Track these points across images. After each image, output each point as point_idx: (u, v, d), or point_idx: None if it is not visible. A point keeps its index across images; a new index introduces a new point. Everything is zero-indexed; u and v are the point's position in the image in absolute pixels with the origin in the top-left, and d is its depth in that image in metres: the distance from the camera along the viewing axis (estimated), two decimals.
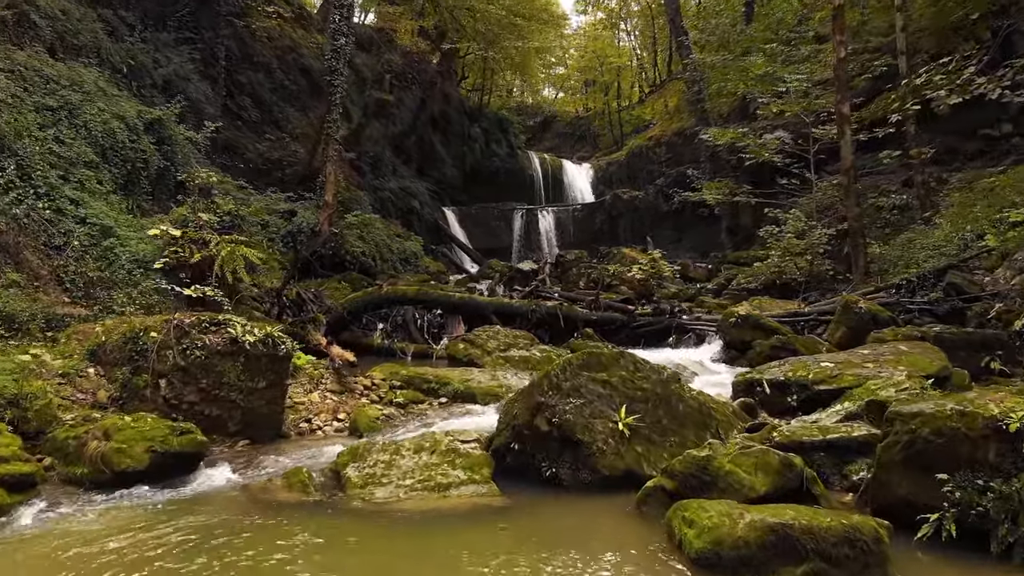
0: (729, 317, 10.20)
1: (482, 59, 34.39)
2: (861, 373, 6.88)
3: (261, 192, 17.00)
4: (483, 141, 34.72)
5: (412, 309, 12.11)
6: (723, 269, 21.61)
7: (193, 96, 19.34)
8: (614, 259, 21.16)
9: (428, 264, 22.26)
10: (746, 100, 23.90)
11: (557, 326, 11.78)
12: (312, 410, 7.90)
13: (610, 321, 11.52)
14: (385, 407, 8.24)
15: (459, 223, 30.88)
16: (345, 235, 15.20)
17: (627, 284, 16.87)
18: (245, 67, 23.59)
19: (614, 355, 6.08)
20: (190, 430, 6.29)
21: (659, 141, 35.89)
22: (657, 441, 5.81)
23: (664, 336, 11.36)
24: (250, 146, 21.96)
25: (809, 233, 15.58)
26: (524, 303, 11.98)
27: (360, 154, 25.29)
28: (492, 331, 11.23)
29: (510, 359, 10.38)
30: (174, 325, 7.07)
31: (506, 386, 9.09)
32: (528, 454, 5.77)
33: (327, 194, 14.68)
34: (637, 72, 47.72)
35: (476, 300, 12.07)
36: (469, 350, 10.75)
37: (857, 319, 10.04)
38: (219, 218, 10.96)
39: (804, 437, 5.79)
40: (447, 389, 8.73)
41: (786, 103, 17.08)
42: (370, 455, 5.92)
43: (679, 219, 31.03)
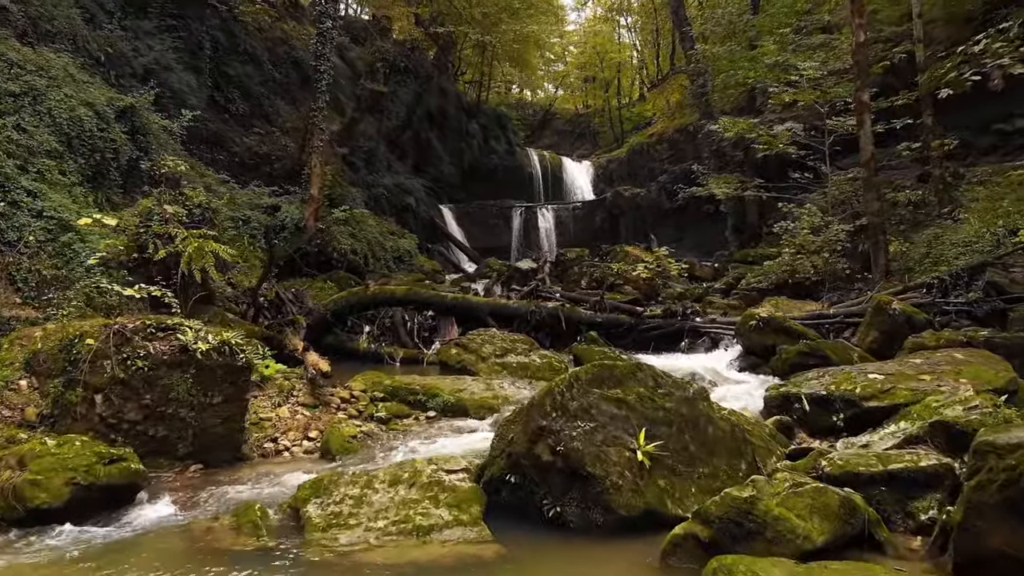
0: (749, 320, 9.14)
1: (480, 52, 33.36)
2: (917, 387, 5.82)
3: (245, 187, 15.93)
4: (481, 137, 33.65)
5: (401, 311, 11.05)
6: (730, 268, 20.56)
7: (175, 86, 18.30)
8: (616, 257, 20.09)
9: (423, 263, 21.20)
10: (753, 92, 22.83)
11: (558, 329, 10.74)
12: (280, 427, 6.83)
13: (616, 324, 10.47)
14: (364, 423, 7.18)
15: (456, 221, 29.83)
16: (332, 231, 14.14)
17: (632, 284, 15.82)
18: (233, 59, 22.53)
19: (630, 368, 5.01)
20: (123, 457, 5.23)
21: (661, 138, 34.87)
22: (683, 472, 4.75)
23: (675, 340, 10.31)
24: (237, 140, 20.90)
25: (825, 229, 14.53)
26: (523, 304, 10.92)
27: (353, 149, 24.23)
28: (488, 335, 10.17)
29: (507, 366, 9.32)
30: (114, 331, 6.00)
31: (502, 397, 8.04)
32: (527, 489, 4.71)
33: (313, 188, 13.63)
34: (637, 69, 46.70)
35: (470, 301, 11.02)
36: (462, 356, 9.69)
37: (891, 322, 8.98)
38: (188, 211, 9.88)
39: (860, 468, 4.74)
40: (436, 401, 7.67)
41: (799, 92, 16.01)
42: (337, 488, 4.87)
43: (682, 217, 30.02)
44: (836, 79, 16.42)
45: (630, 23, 42.03)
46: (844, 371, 6.23)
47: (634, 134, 40.00)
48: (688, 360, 9.71)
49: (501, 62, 35.11)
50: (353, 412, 7.33)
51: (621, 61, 43.19)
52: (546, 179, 36.39)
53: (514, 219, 31.00)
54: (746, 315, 9.30)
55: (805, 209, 14.80)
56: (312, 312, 10.79)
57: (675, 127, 34.79)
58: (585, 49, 43.51)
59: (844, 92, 15.50)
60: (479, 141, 33.41)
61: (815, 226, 14.86)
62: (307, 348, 8.56)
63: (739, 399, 7.82)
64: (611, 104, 43.76)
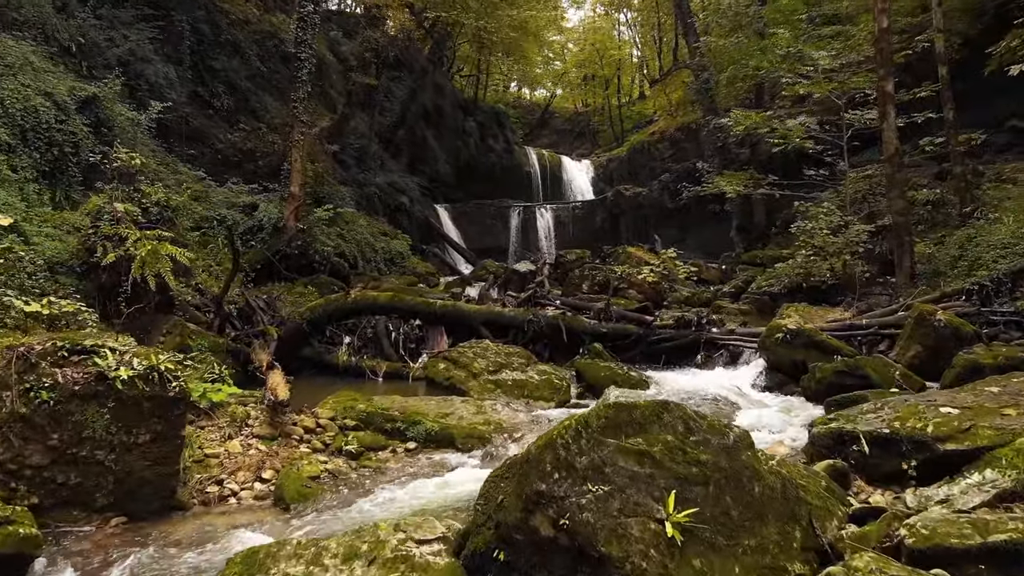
0: (775, 332, 7.99)
1: (476, 49, 32.20)
2: (1003, 425, 4.68)
3: (222, 184, 14.79)
4: (478, 135, 32.50)
5: (385, 320, 9.91)
6: (738, 270, 19.43)
7: (152, 79, 17.15)
8: (619, 259, 18.95)
9: (415, 265, 20.05)
10: (761, 87, 21.70)
11: (559, 340, 9.59)
12: (228, 466, 5.68)
13: (623, 334, 9.32)
14: (330, 458, 6.03)
15: (452, 221, 28.67)
16: (314, 232, 12.98)
17: (636, 288, 14.68)
18: (219, 52, 21.36)
19: (654, 409, 3.85)
20: (9, 519, 4.09)
21: (662, 136, 33.76)
22: (724, 547, 3.59)
23: (689, 353, 9.16)
24: (221, 136, 19.75)
25: (844, 230, 13.38)
26: (519, 313, 9.78)
27: (344, 146, 23.07)
28: (480, 347, 9.02)
29: (501, 384, 8.18)
30: (17, 354, 4.85)
31: (494, 422, 6.90)
32: (521, 571, 3.56)
33: (293, 185, 12.48)
34: (638, 67, 45.58)
35: (461, 309, 9.87)
36: (451, 372, 8.54)
37: (935, 335, 7.85)
38: (144, 209, 8.73)
39: (952, 540, 3.59)
40: (417, 430, 6.51)
41: (814, 84, 14.86)
42: (276, 565, 3.72)
43: (685, 217, 28.88)
44: (852, 70, 15.27)
45: (630, 19, 40.85)
46: (908, 403, 5.08)
47: (634, 133, 38.88)
48: (705, 377, 8.57)
49: (498, 57, 33.91)
50: (318, 445, 6.17)
51: (621, 58, 42.04)
52: (545, 178, 35.25)
53: (512, 219, 29.86)
54: (772, 327, 8.15)
55: (823, 208, 13.65)
56: (285, 322, 9.63)
57: (677, 125, 33.68)
58: (584, 46, 42.35)
59: (863, 83, 14.35)
60: (476, 139, 32.25)
61: (834, 226, 13.72)
62: (271, 366, 7.40)
63: (770, 428, 6.69)
64: (611, 102, 42.61)
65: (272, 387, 6.35)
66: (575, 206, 31.66)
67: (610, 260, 19.35)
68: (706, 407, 7.09)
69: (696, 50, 24.17)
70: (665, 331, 9.22)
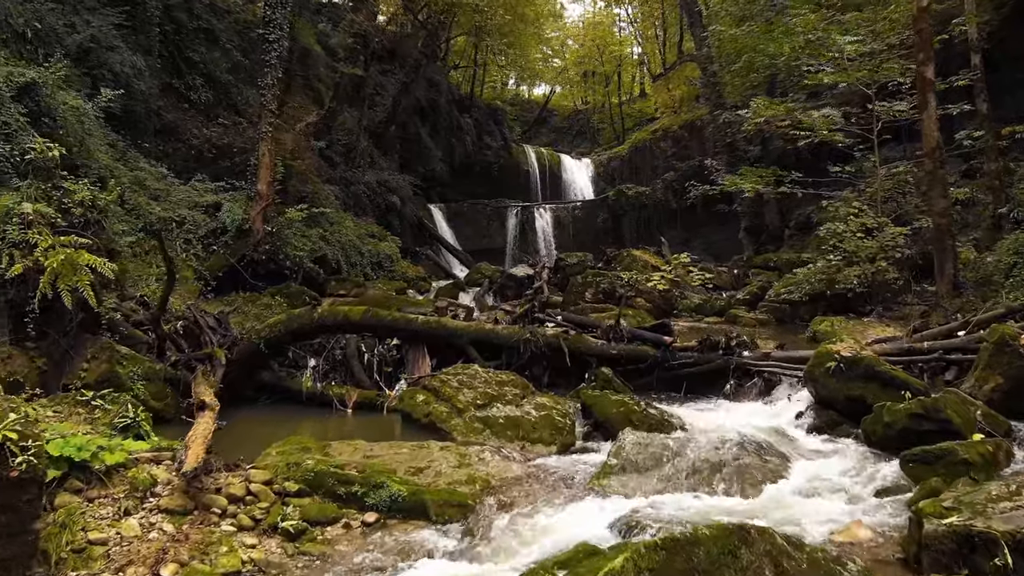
0: (825, 361, 6.45)
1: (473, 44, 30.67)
2: None
3: (188, 182, 13.27)
4: (474, 133, 30.94)
5: (357, 339, 8.37)
6: (751, 275, 17.90)
7: (117, 69, 15.56)
8: (623, 263, 17.42)
9: (405, 269, 18.52)
10: (774, 80, 20.16)
11: (560, 363, 8.06)
12: (116, 558, 4.14)
13: (637, 358, 7.78)
14: (261, 539, 4.50)
15: (447, 222, 27.14)
16: (285, 235, 11.44)
17: (645, 296, 13.16)
18: (197, 43, 19.81)
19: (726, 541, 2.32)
20: None
21: (665, 134, 32.26)
22: None
23: (715, 380, 7.64)
24: (196, 131, 18.19)
25: (878, 232, 11.86)
26: (514, 331, 8.24)
27: (331, 142, 21.53)
28: (467, 374, 7.48)
29: (491, 422, 6.64)
30: None
31: (481, 480, 5.40)
32: None
33: (260, 182, 10.95)
34: (638, 63, 44.06)
35: (447, 326, 8.34)
36: (431, 406, 7.00)
37: (1020, 365, 6.33)
38: (65, 211, 7.19)
39: None
40: (380, 495, 4.98)
41: (839, 72, 13.32)
42: None
43: (690, 217, 27.34)
44: (882, 57, 13.72)
45: (631, 13, 39.30)
46: None
47: (636, 131, 37.37)
48: (737, 413, 7.03)
49: (495, 53, 32.33)
50: (246, 520, 4.63)
51: (622, 54, 40.51)
52: (544, 177, 33.70)
53: (509, 220, 28.33)
54: (821, 354, 6.60)
55: (853, 208, 12.11)
56: (238, 342, 8.10)
57: (680, 122, 32.18)
58: (584, 42, 40.80)
59: (894, 71, 12.81)
60: (472, 136, 30.70)
61: (866, 228, 12.19)
62: (203, 407, 5.86)
63: (832, 489, 5.17)
64: (611, 100, 41.09)
65: (189, 443, 4.81)
66: (575, 206, 30.13)
67: (614, 264, 17.81)
68: (747, 458, 5.56)
69: (703, 41, 22.65)
70: (687, 354, 7.69)
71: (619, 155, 34.80)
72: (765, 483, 5.35)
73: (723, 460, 5.53)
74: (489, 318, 13.18)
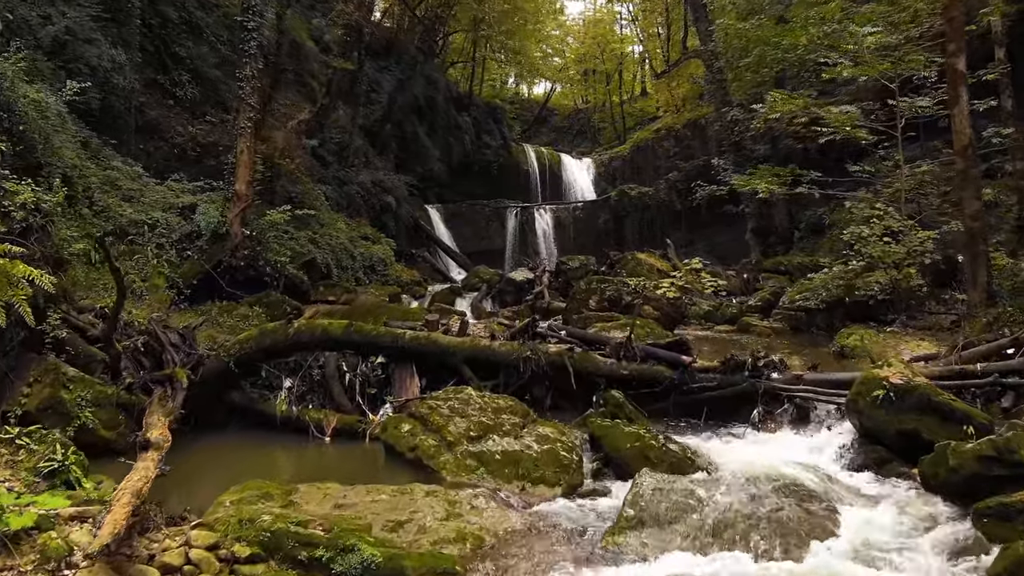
0: (872, 388, 5.53)
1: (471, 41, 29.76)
2: None
3: (166, 181, 12.36)
4: (473, 132, 29.99)
5: (337, 357, 7.45)
6: (761, 279, 16.99)
7: (95, 62, 14.65)
8: (627, 267, 16.48)
9: (399, 273, 17.60)
10: (783, 75, 19.22)
11: (564, 384, 7.15)
12: None
13: (652, 379, 6.86)
14: None
15: (444, 223, 26.21)
16: (266, 238, 10.53)
17: (653, 304, 12.24)
18: (185, 37, 18.91)
19: None
20: None
21: (669, 132, 31.34)
22: None
23: (740, 405, 6.72)
24: (180, 128, 17.27)
25: (902, 236, 10.93)
26: (513, 347, 7.32)
27: (324, 141, 20.60)
28: (460, 398, 6.56)
29: (486, 458, 5.73)
30: None
31: (472, 536, 4.51)
32: None
33: (239, 182, 10.04)
34: (640, 61, 43.15)
35: (438, 342, 7.42)
36: (418, 437, 6.08)
37: None
38: (4, 214, 6.28)
39: None
40: (348, 560, 4.06)
41: (861, 65, 12.39)
42: None
43: (694, 218, 26.42)
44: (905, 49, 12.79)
45: (632, 10, 38.33)
46: None
47: (637, 130, 36.46)
48: (768, 446, 6.10)
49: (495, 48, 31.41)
50: None
51: (623, 52, 39.59)
52: (544, 177, 32.77)
53: (509, 221, 27.41)
54: (867, 380, 5.68)
55: (878, 210, 11.18)
56: (203, 361, 7.18)
57: (683, 121, 31.27)
58: (585, 40, 39.86)
59: (919, 62, 11.87)
60: (471, 135, 29.75)
61: (890, 231, 11.27)
62: (145, 446, 4.94)
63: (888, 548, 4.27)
64: (612, 99, 40.16)
65: (113, 502, 3.90)
66: (576, 207, 29.21)
67: (618, 268, 16.87)
68: (788, 508, 4.65)
69: (708, 37, 21.73)
70: (708, 376, 6.76)
71: (621, 155, 33.90)
72: (811, 540, 4.45)
73: (759, 511, 4.63)
74: (486, 329, 12.27)
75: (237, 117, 10.99)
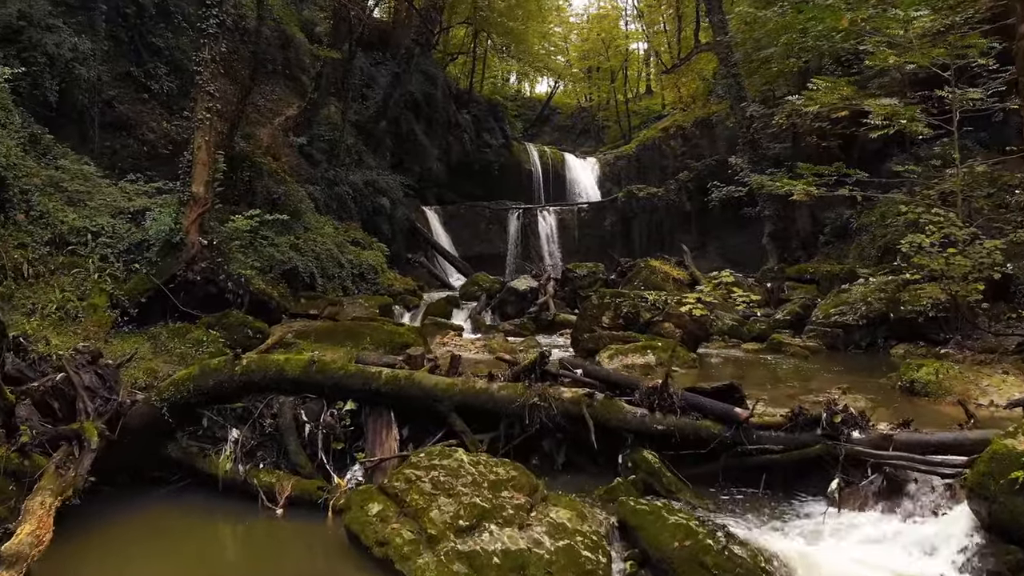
0: (1006, 465, 3.91)
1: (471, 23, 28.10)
2: None
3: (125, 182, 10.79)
4: (473, 130, 28.40)
5: (293, 403, 5.85)
6: (786, 288, 15.38)
7: (53, 51, 13.11)
8: (640, 276, 14.88)
9: (392, 281, 16.01)
10: (807, 69, 17.57)
11: (581, 435, 5.54)
12: None
13: (695, 437, 5.26)
14: None
15: (443, 226, 24.65)
16: (229, 248, 8.94)
17: (674, 321, 10.65)
18: (163, 28, 17.36)
19: None
20: None
21: (678, 131, 29.72)
22: None
23: (809, 470, 5.13)
24: (154, 124, 15.73)
25: (970, 246, 9.31)
26: (516, 391, 5.72)
27: (312, 138, 19.01)
28: (447, 466, 4.95)
29: (481, 563, 4.12)
30: None
31: None
32: None
33: (195, 183, 8.45)
34: (645, 58, 41.54)
35: (422, 384, 5.81)
36: (390, 525, 4.48)
37: None
38: None
39: None
40: None
41: (908, 51, 10.76)
42: None
43: (705, 220, 24.86)
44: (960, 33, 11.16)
45: (639, 6, 36.68)
46: None
47: (643, 129, 34.86)
48: (855, 537, 4.48)
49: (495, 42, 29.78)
50: None
51: (628, 48, 37.98)
52: (547, 177, 31.18)
53: (510, 223, 25.84)
54: (999, 452, 4.06)
55: (937, 215, 9.55)
56: (124, 410, 5.60)
57: (692, 120, 29.66)
58: (589, 36, 38.25)
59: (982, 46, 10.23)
60: (471, 134, 28.16)
61: (950, 239, 9.64)
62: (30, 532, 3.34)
63: None
64: (617, 97, 38.55)
65: None
66: (581, 208, 27.61)
67: (630, 276, 15.27)
68: None
69: (721, 28, 20.11)
70: (770, 434, 5.17)
71: (626, 154, 32.31)
72: None
73: None
74: (485, 348, 10.67)
75: (194, 107, 9.39)
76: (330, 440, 5.74)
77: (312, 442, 5.75)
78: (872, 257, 15.29)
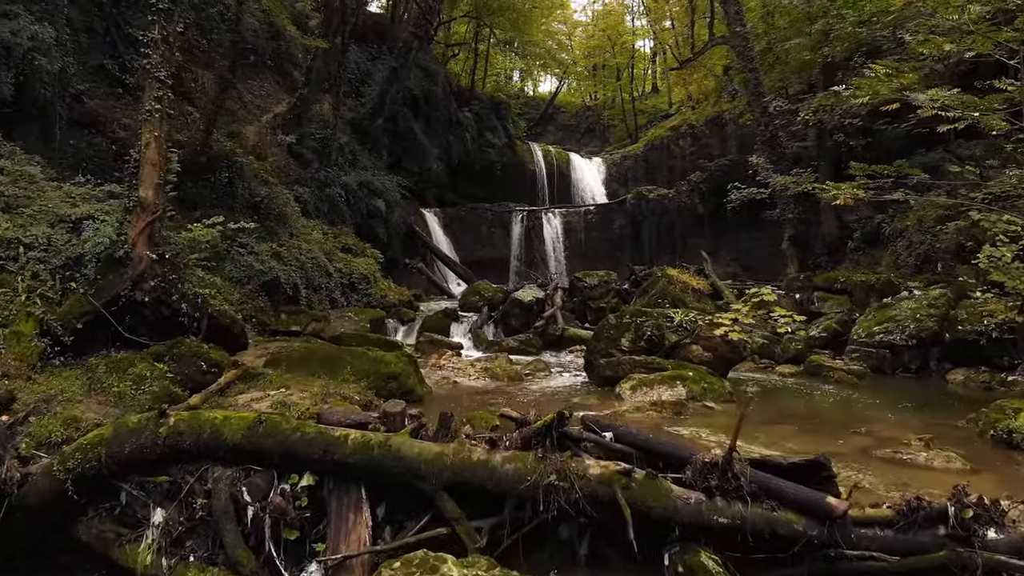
0: None
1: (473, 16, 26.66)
2: None
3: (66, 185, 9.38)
4: (475, 129, 26.98)
5: (233, 474, 4.43)
6: (816, 299, 13.93)
7: (9, 41, 11.77)
8: (657, 287, 13.42)
9: (385, 291, 14.60)
10: (833, 61, 16.12)
11: (613, 526, 4.12)
12: None
13: (771, 535, 3.83)
14: None
15: (443, 229, 23.24)
16: (185, 263, 7.53)
17: (703, 343, 9.22)
18: (141, 17, 15.82)
19: None
20: None
21: (689, 129, 28.27)
22: None
23: None
24: (126, 121, 14.33)
25: None
26: (526, 464, 4.27)
27: (303, 137, 17.59)
28: (435, 567, 3.52)
29: None
30: None
31: None
32: None
33: (143, 187, 7.03)
34: (650, 57, 40.07)
35: (401, 454, 4.34)
36: None
37: None
38: None
39: None
40: None
41: (965, 37, 9.32)
42: None
43: (718, 223, 23.43)
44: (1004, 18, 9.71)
45: (645, 2, 35.19)
46: None
47: (650, 128, 33.41)
48: None
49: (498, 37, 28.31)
50: None
51: (634, 45, 36.50)
52: (551, 178, 29.76)
53: (514, 226, 24.43)
54: None
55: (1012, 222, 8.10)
56: (6, 488, 4.18)
57: (704, 117, 28.22)
58: (594, 32, 36.78)
59: None
60: (472, 133, 26.73)
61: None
62: None
63: None
64: (623, 95, 37.08)
65: None
66: (588, 211, 26.17)
67: (645, 286, 13.83)
68: None
69: (737, 19, 18.67)
70: (875, 532, 3.73)
71: (633, 154, 30.90)
72: None
73: None
74: (487, 373, 9.23)
75: (142, 97, 7.97)
76: (280, 527, 4.30)
77: (258, 529, 4.32)
78: (910, 266, 13.86)
